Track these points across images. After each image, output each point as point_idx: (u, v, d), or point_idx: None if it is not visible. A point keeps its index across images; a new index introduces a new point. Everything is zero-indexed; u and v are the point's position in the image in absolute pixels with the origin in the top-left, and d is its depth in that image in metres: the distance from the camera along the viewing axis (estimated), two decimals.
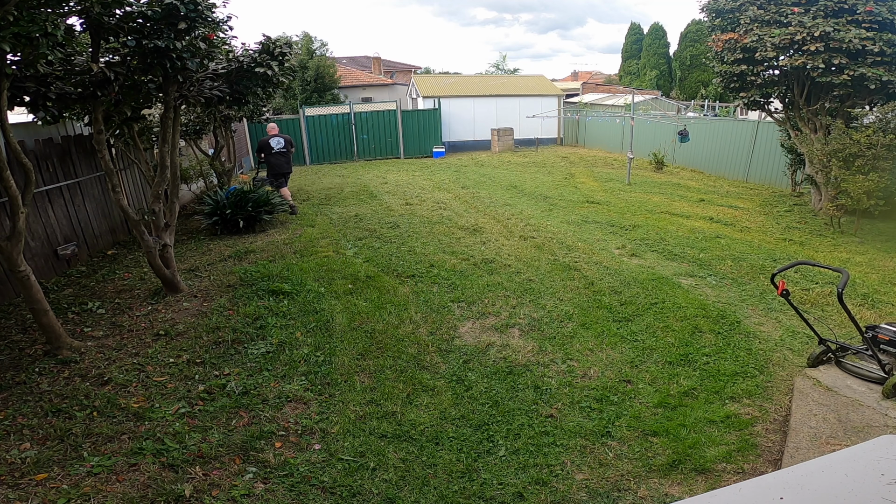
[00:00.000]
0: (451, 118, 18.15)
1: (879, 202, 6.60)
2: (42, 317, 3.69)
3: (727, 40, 8.10)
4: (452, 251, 6.25)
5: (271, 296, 4.87)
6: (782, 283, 3.09)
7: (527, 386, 3.36)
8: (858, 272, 5.33)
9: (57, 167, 5.66)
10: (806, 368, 3.45)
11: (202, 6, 3.91)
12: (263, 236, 7.19)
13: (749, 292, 4.88)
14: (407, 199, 9.54)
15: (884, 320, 4.03)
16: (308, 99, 22.26)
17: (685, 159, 13.47)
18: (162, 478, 2.53)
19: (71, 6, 3.46)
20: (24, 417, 3.04)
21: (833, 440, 2.67)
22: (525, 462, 2.64)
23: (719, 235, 6.81)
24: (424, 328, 4.23)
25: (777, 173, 10.56)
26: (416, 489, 2.48)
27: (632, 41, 32.30)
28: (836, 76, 7.02)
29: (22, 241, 3.55)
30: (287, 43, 5.42)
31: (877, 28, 6.82)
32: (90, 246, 6.20)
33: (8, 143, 3.46)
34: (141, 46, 3.77)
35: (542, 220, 7.77)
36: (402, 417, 3.02)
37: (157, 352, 3.85)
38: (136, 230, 4.59)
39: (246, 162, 14.77)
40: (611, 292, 4.89)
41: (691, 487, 2.47)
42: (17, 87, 3.66)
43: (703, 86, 26.38)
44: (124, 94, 4.26)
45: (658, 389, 3.30)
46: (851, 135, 6.83)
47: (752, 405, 3.11)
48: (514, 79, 22.45)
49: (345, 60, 31.11)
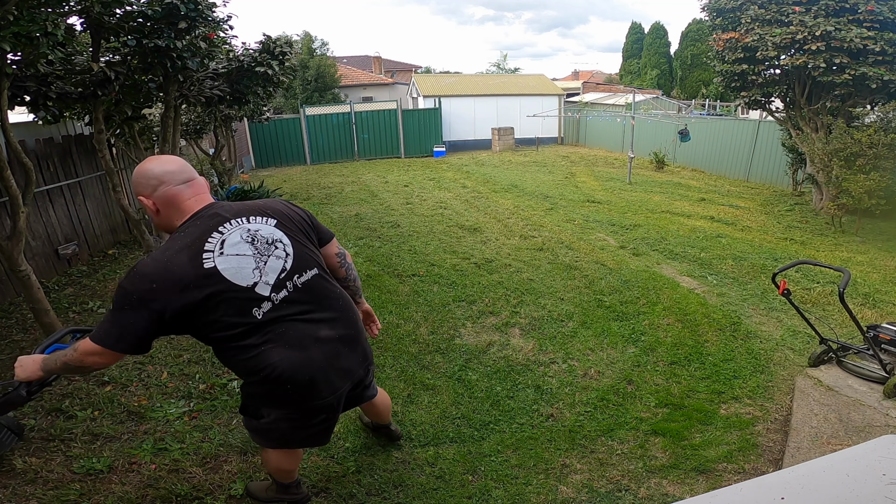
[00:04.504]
0: (451, 117, 18.14)
1: (881, 201, 6.58)
2: (43, 316, 3.70)
3: (728, 39, 8.09)
4: (453, 250, 6.25)
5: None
6: (783, 283, 3.09)
7: (527, 385, 3.35)
8: (860, 271, 5.33)
9: (57, 167, 5.67)
10: (807, 368, 3.44)
11: (202, 6, 3.91)
12: None
13: (750, 292, 4.88)
14: (407, 199, 9.54)
15: (885, 320, 4.03)
16: (309, 98, 22.28)
17: (686, 159, 13.45)
18: (162, 477, 2.53)
19: (71, 6, 3.46)
20: (25, 417, 3.04)
21: (834, 440, 2.67)
22: (525, 462, 2.64)
23: (720, 235, 6.80)
24: (425, 327, 4.23)
25: (778, 173, 10.55)
26: (415, 489, 2.47)
27: (632, 40, 32.28)
28: (837, 75, 7.01)
29: (23, 241, 3.55)
30: (287, 42, 5.42)
31: (878, 27, 6.81)
32: (91, 245, 6.20)
33: (8, 142, 3.46)
34: (141, 46, 3.77)
35: (542, 220, 7.77)
36: (402, 417, 3.02)
37: (158, 351, 3.85)
38: (137, 229, 4.59)
39: (246, 161, 14.79)
40: (611, 292, 4.88)
41: (692, 487, 2.46)
42: (17, 86, 3.66)
43: (704, 85, 26.36)
44: (125, 93, 4.26)
45: (659, 389, 3.30)
46: (853, 134, 6.81)
47: (753, 405, 3.10)
48: (514, 78, 22.44)
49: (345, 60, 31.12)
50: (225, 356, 1.75)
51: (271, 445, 2.01)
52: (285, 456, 2.08)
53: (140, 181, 1.68)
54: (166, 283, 1.55)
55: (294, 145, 15.96)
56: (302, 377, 1.74)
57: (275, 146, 15.79)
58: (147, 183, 1.67)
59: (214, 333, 1.66)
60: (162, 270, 1.56)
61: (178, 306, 1.56)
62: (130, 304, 1.55)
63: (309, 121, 15.88)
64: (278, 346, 1.70)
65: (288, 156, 15.95)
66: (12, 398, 1.96)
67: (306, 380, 1.75)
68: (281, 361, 1.70)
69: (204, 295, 1.58)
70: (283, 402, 1.82)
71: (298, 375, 1.73)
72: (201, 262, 1.59)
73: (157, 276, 1.55)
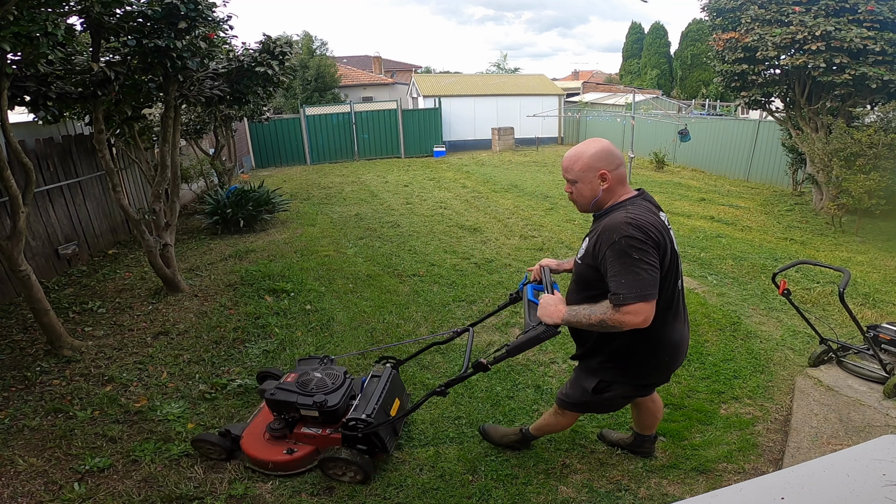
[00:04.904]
0: (451, 117, 18.14)
1: (881, 201, 6.58)
2: (43, 316, 3.70)
3: (728, 39, 8.08)
4: (453, 250, 6.25)
5: (272, 294, 4.87)
6: (783, 283, 3.09)
7: (527, 385, 3.35)
8: (860, 271, 5.33)
9: (57, 166, 5.67)
10: (807, 368, 3.44)
11: (202, 5, 3.90)
12: (264, 235, 7.20)
13: (750, 291, 4.88)
14: (407, 199, 9.54)
15: (885, 320, 4.02)
16: (309, 98, 22.28)
17: (686, 158, 13.45)
18: (163, 477, 2.53)
19: (71, 6, 3.46)
20: (25, 417, 3.04)
21: (834, 440, 2.67)
22: (525, 462, 2.64)
23: (720, 234, 6.80)
24: (425, 327, 4.23)
25: (778, 172, 10.54)
26: (415, 489, 2.47)
27: (632, 40, 32.27)
28: (837, 75, 7.01)
29: (23, 241, 3.55)
30: (287, 42, 5.41)
31: (878, 27, 6.81)
32: (91, 245, 6.20)
33: (8, 142, 3.46)
34: (141, 46, 3.77)
35: (542, 220, 7.77)
36: None
37: (158, 351, 3.86)
38: (137, 229, 4.59)
39: (246, 161, 14.79)
40: None
41: (692, 487, 2.46)
42: (17, 86, 3.66)
43: (704, 85, 26.36)
44: (125, 93, 4.26)
45: (658, 389, 3.29)
46: (853, 134, 6.81)
47: (753, 405, 3.10)
48: (514, 78, 22.43)
49: (345, 60, 31.12)
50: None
51: (587, 411, 2.38)
52: (575, 418, 2.43)
53: (607, 157, 1.92)
54: (657, 228, 1.82)
55: (294, 145, 15.96)
56: (680, 350, 2.05)
57: (275, 146, 15.79)
58: (613, 160, 1.93)
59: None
60: (649, 220, 1.81)
61: (663, 245, 1.82)
62: (647, 249, 1.75)
63: (309, 121, 15.87)
64: (675, 317, 1.99)
65: (288, 156, 15.95)
66: (540, 334, 1.95)
67: (680, 352, 2.05)
68: (675, 332, 2.00)
69: (670, 248, 1.87)
70: (651, 371, 2.08)
71: (679, 348, 2.04)
72: (663, 224, 1.88)
73: (653, 225, 1.80)
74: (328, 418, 2.46)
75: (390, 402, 2.58)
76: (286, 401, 2.46)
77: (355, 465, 2.38)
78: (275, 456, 2.48)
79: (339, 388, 2.53)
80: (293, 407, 2.47)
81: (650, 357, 2.01)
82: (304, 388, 2.50)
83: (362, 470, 2.40)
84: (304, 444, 2.51)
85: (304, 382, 2.53)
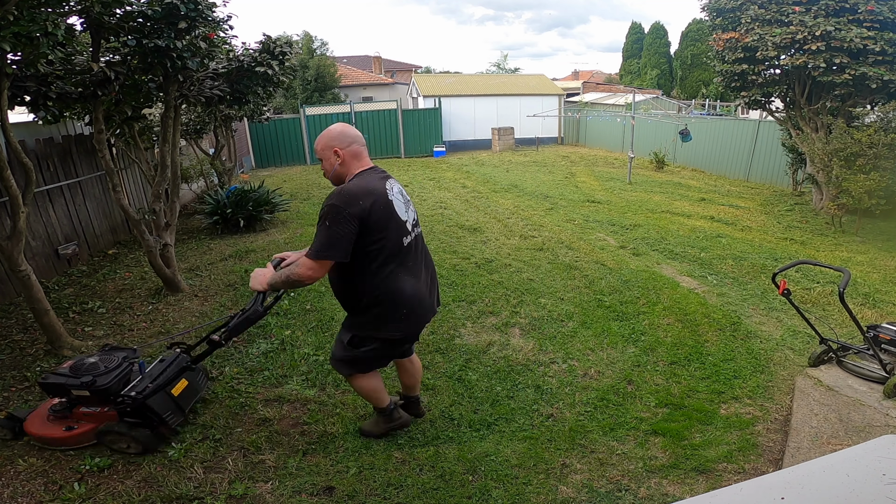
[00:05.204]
0: (451, 117, 18.14)
1: (881, 201, 6.58)
2: (43, 316, 3.70)
3: (728, 39, 8.09)
4: (453, 250, 6.25)
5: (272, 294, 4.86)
6: (783, 283, 3.09)
7: (527, 385, 3.35)
8: (860, 271, 5.33)
9: (58, 166, 5.67)
10: (807, 368, 3.44)
11: (202, 5, 3.90)
12: (264, 235, 7.20)
13: (750, 292, 4.88)
14: None
15: (885, 320, 4.03)
16: (309, 98, 22.28)
17: (686, 158, 13.45)
18: (162, 477, 2.53)
19: (71, 6, 3.46)
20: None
21: (834, 440, 2.67)
22: (525, 462, 2.64)
23: (720, 235, 6.80)
24: (425, 327, 4.23)
25: (778, 172, 10.55)
26: (415, 489, 2.47)
27: (633, 40, 32.29)
28: (837, 75, 7.01)
29: (23, 241, 3.55)
30: (287, 42, 5.41)
31: (878, 27, 6.81)
32: (91, 245, 6.20)
33: (9, 142, 3.46)
34: (141, 46, 3.77)
35: (542, 220, 7.77)
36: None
37: (158, 351, 3.85)
38: (137, 229, 4.59)
39: (246, 161, 14.79)
40: (611, 291, 4.88)
41: (692, 487, 2.46)
42: (17, 86, 3.66)
43: (704, 85, 26.37)
44: (125, 93, 4.26)
45: (659, 389, 3.30)
46: (853, 134, 6.82)
47: (753, 405, 3.10)
48: (514, 78, 22.44)
49: (345, 60, 31.13)
50: (364, 278, 2.21)
51: (359, 370, 2.49)
52: (370, 378, 2.57)
53: (339, 137, 2.24)
54: (368, 195, 2.11)
55: (294, 145, 15.97)
56: (415, 302, 2.29)
57: (275, 146, 15.79)
58: (345, 140, 2.24)
59: (372, 246, 2.15)
60: (364, 188, 2.13)
61: (376, 209, 2.11)
62: (342, 218, 2.05)
63: (309, 121, 15.88)
64: (405, 273, 2.26)
65: (288, 156, 15.96)
66: (250, 315, 2.33)
67: (416, 304, 2.30)
68: (406, 285, 2.25)
69: (385, 211, 2.15)
70: (391, 324, 2.29)
71: (413, 300, 2.28)
72: (385, 191, 2.20)
73: (362, 193, 2.11)
74: (102, 397, 2.65)
75: (173, 383, 2.75)
76: (56, 383, 2.67)
77: (129, 436, 2.62)
78: (54, 432, 2.70)
79: (113, 371, 2.71)
80: (63, 388, 2.67)
81: (388, 310, 2.26)
82: (76, 372, 2.71)
83: (138, 441, 2.63)
84: (86, 422, 2.72)
85: (77, 367, 2.75)
